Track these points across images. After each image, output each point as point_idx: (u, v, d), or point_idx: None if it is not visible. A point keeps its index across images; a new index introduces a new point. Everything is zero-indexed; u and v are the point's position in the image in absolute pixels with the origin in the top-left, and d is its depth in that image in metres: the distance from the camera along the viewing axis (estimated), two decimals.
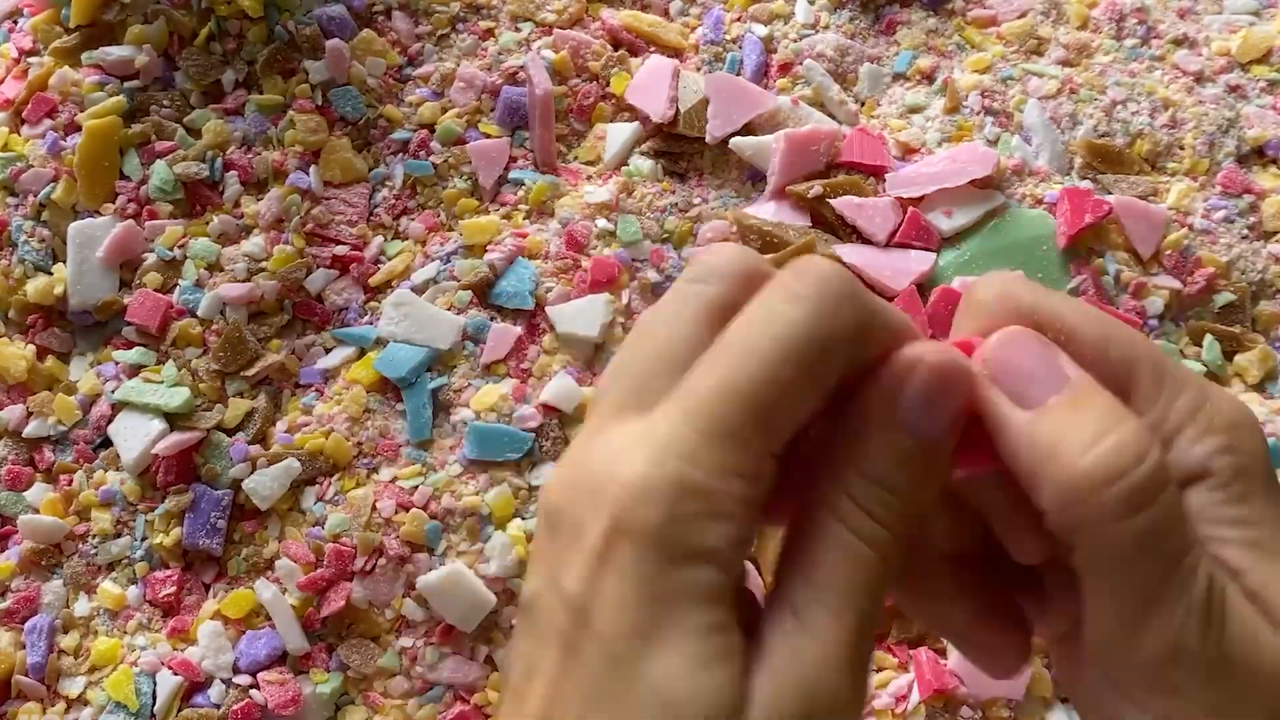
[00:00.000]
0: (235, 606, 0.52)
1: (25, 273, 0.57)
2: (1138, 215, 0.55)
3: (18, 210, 0.58)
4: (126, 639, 0.53)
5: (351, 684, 0.52)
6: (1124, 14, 0.60)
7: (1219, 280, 0.55)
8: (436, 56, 0.60)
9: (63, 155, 0.57)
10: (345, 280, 0.57)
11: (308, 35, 0.58)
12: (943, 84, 0.59)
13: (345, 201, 0.58)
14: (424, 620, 0.51)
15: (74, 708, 0.52)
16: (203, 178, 0.57)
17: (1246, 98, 0.59)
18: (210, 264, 0.56)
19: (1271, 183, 0.57)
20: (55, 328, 0.57)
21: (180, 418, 0.54)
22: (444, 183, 0.58)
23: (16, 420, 0.55)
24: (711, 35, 0.60)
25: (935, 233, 0.54)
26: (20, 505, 0.55)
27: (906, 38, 0.60)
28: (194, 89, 0.59)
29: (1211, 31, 0.61)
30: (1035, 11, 0.61)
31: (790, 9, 0.61)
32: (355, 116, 0.58)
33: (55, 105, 0.58)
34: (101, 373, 0.56)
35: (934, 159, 0.56)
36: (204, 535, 0.53)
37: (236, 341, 0.54)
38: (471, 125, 0.59)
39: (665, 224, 0.56)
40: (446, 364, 0.55)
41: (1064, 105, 0.58)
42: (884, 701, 0.50)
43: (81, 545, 0.54)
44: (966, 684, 0.50)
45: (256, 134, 0.58)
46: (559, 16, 0.61)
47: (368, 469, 0.53)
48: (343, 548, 0.51)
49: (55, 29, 0.60)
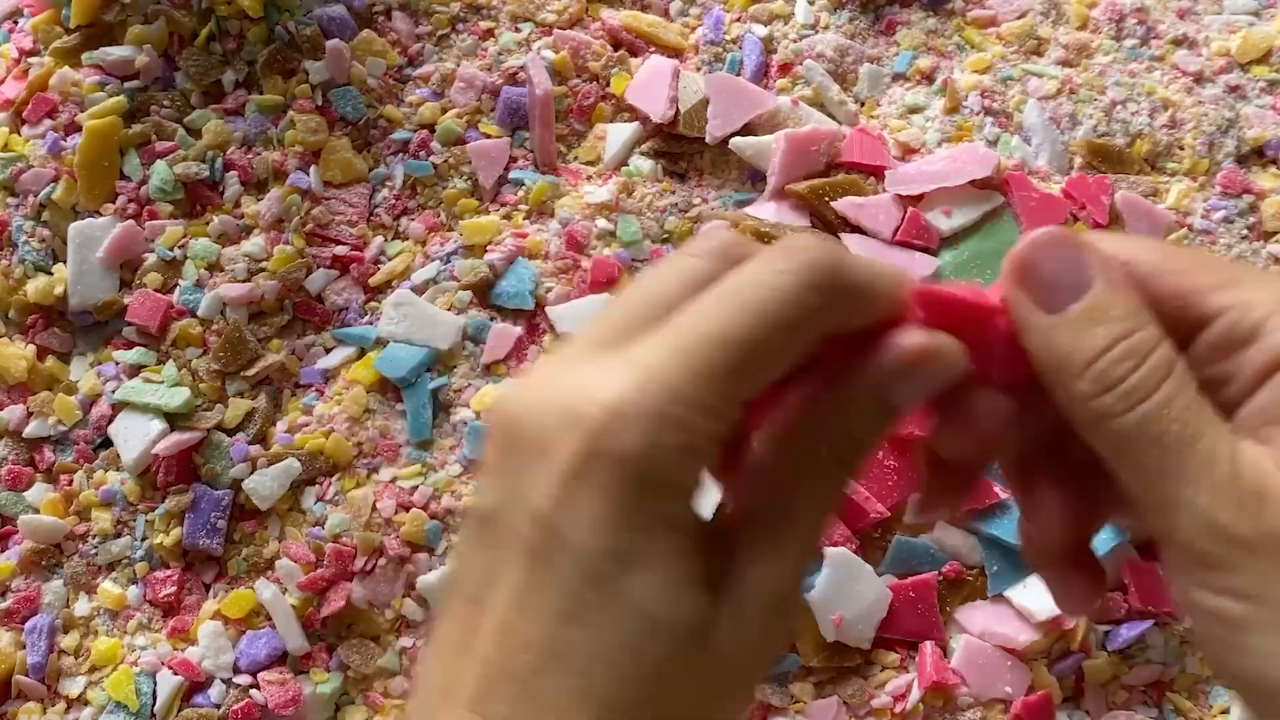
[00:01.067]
0: (235, 606, 0.52)
1: (26, 273, 0.57)
2: (1140, 214, 0.55)
3: (18, 210, 0.58)
4: (127, 639, 0.53)
5: (351, 684, 0.52)
6: (1124, 14, 0.61)
7: None
8: (436, 57, 0.60)
9: (63, 155, 0.57)
10: (345, 280, 0.57)
11: (308, 35, 0.58)
12: (942, 84, 0.59)
13: (345, 202, 0.58)
14: (424, 620, 0.52)
15: (74, 707, 0.52)
16: (203, 178, 0.57)
17: (1246, 98, 0.59)
18: (210, 264, 0.56)
19: (1271, 183, 0.57)
20: (55, 328, 0.57)
21: (180, 418, 0.54)
22: (444, 183, 0.58)
23: (17, 420, 0.55)
24: (711, 35, 0.60)
25: (935, 232, 0.54)
26: (21, 505, 0.55)
27: (906, 38, 0.60)
28: (194, 89, 0.59)
29: (1211, 32, 0.61)
30: (1035, 12, 0.61)
31: (790, 9, 0.61)
32: (355, 117, 0.58)
33: (55, 105, 0.58)
34: (102, 373, 0.56)
35: (934, 158, 0.56)
36: (204, 535, 0.53)
37: (237, 341, 0.54)
38: (471, 125, 0.59)
39: (665, 224, 0.56)
40: (446, 364, 0.55)
41: (1064, 105, 0.58)
42: (883, 700, 0.50)
43: (82, 545, 0.54)
44: (968, 684, 0.50)
45: (257, 134, 0.58)
46: (559, 17, 0.61)
47: (368, 469, 0.53)
48: (343, 548, 0.51)
49: (55, 29, 0.60)
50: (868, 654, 0.50)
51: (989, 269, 0.54)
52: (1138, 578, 0.50)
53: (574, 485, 0.28)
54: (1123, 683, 0.51)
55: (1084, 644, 0.50)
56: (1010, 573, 0.50)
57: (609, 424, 0.28)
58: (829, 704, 0.50)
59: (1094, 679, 0.50)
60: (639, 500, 0.28)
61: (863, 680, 0.50)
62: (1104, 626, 0.50)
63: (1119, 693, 0.51)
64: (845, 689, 0.50)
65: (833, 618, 0.49)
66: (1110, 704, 0.51)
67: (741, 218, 0.55)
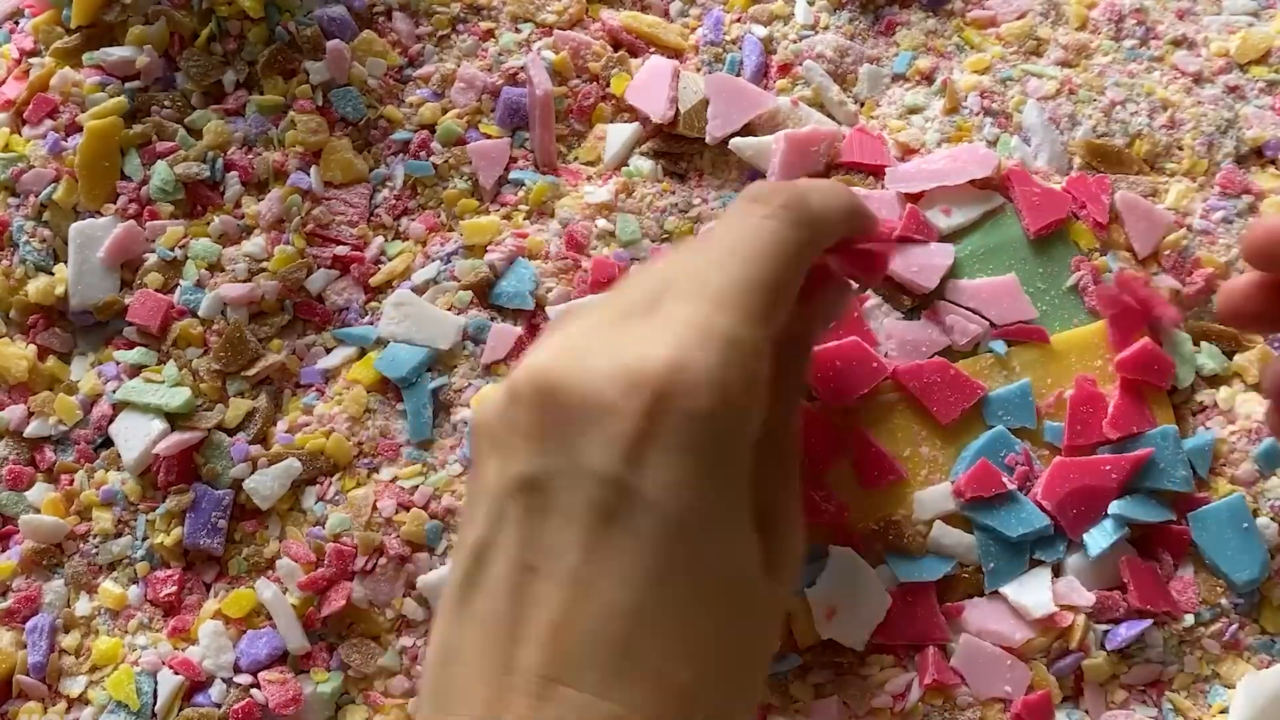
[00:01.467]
0: (236, 606, 0.52)
1: (26, 273, 0.57)
2: (1140, 214, 0.55)
3: (19, 211, 0.58)
4: (127, 638, 0.53)
5: (352, 683, 0.52)
6: (1123, 15, 0.61)
7: (1218, 280, 0.55)
8: (437, 57, 0.60)
9: (64, 156, 0.57)
10: (346, 280, 0.57)
11: (308, 36, 0.59)
12: (942, 84, 0.59)
13: (346, 202, 0.58)
14: (424, 620, 0.52)
15: (75, 707, 0.52)
16: (203, 178, 0.57)
17: (1245, 98, 0.59)
18: (211, 264, 0.56)
19: (1270, 183, 0.57)
20: (56, 328, 0.57)
21: (181, 418, 0.54)
22: (444, 183, 0.58)
23: (17, 420, 0.55)
24: (711, 36, 0.60)
25: (935, 230, 0.54)
26: (21, 505, 0.55)
27: (906, 38, 0.61)
28: (195, 89, 0.59)
29: (1210, 32, 0.61)
30: (1034, 12, 0.61)
31: (790, 10, 0.61)
32: (356, 117, 0.58)
33: (56, 106, 0.58)
34: (102, 373, 0.56)
35: (935, 157, 0.56)
36: (205, 535, 0.53)
37: (237, 341, 0.55)
38: (472, 126, 0.59)
39: (665, 224, 0.56)
40: (447, 364, 0.55)
41: (1063, 106, 0.58)
42: (882, 700, 0.50)
43: (82, 545, 0.54)
44: (968, 683, 0.50)
45: (257, 134, 0.58)
46: (559, 17, 0.61)
47: (368, 469, 0.53)
48: (343, 547, 0.51)
49: (56, 30, 0.60)
50: (863, 654, 0.50)
51: (993, 263, 0.54)
52: (1137, 577, 0.50)
53: (647, 446, 0.27)
54: (1122, 682, 0.51)
55: (1083, 643, 0.50)
56: (1008, 569, 0.50)
57: (677, 381, 0.27)
58: (829, 704, 0.50)
59: (1093, 678, 0.51)
60: (718, 454, 0.28)
61: (862, 680, 0.50)
62: (1103, 626, 0.50)
63: (1118, 692, 0.51)
64: (845, 689, 0.50)
65: (824, 611, 0.49)
66: (1109, 703, 0.51)
67: None
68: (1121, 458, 0.51)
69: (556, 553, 0.27)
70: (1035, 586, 0.50)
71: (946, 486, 0.51)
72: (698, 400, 0.27)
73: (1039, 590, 0.50)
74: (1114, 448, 0.52)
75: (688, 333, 0.28)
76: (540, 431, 0.28)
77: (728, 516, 0.28)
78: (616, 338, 0.29)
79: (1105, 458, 0.51)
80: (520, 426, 0.29)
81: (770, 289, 0.29)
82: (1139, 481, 0.51)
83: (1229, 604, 0.51)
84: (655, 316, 0.29)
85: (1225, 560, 0.51)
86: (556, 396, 0.28)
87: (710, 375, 0.28)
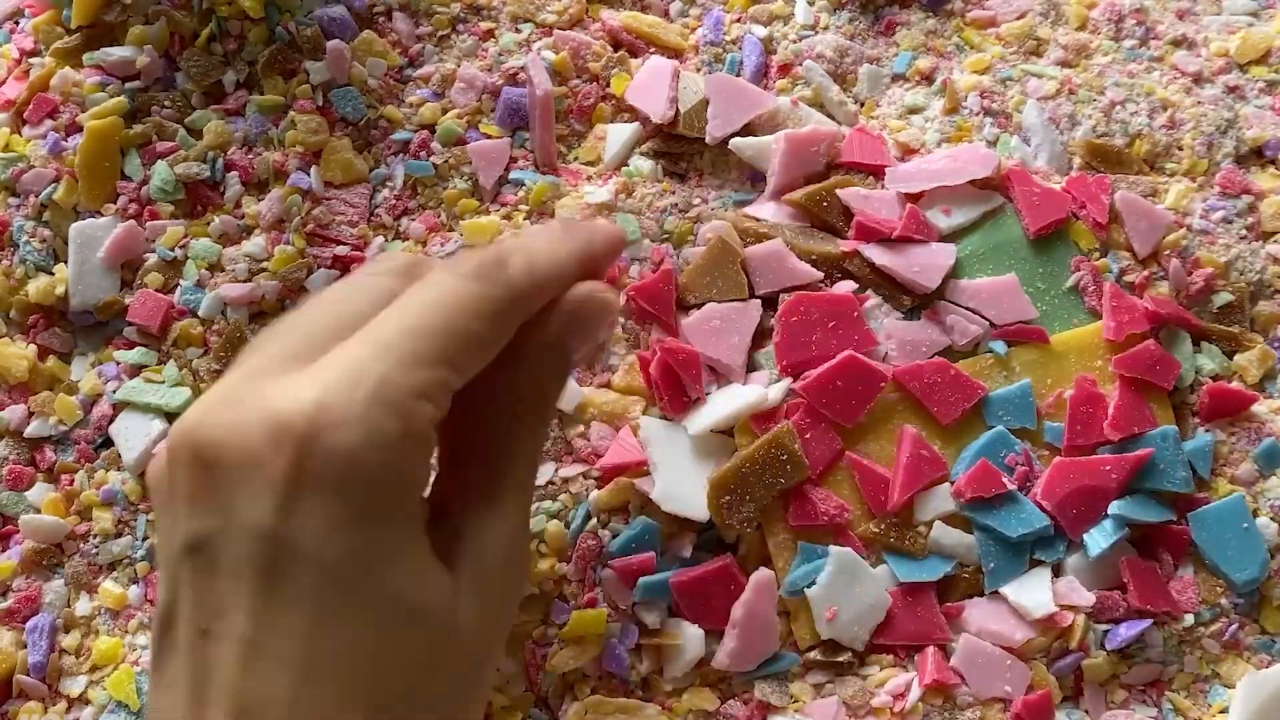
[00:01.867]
0: None
1: (26, 273, 0.57)
2: (1140, 214, 0.55)
3: (19, 211, 0.58)
4: (128, 638, 0.53)
5: None
6: (1123, 15, 0.61)
7: (1218, 280, 0.55)
8: (437, 57, 0.60)
9: (64, 156, 0.57)
10: None
11: (308, 36, 0.59)
12: (942, 85, 0.59)
13: (346, 202, 0.58)
14: None
15: (75, 707, 0.52)
16: (204, 178, 0.57)
17: (1245, 98, 0.59)
18: (211, 264, 0.56)
19: (1270, 183, 0.57)
20: (56, 328, 0.57)
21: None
22: (444, 183, 0.58)
23: (18, 420, 0.55)
24: (711, 36, 0.60)
25: (935, 230, 0.54)
26: (21, 505, 0.55)
27: (906, 39, 0.61)
28: (195, 90, 0.59)
29: (1210, 32, 0.61)
30: (1034, 12, 0.61)
31: (790, 10, 0.61)
32: (356, 117, 0.58)
33: (56, 106, 0.58)
34: (103, 373, 0.56)
35: (935, 156, 0.56)
36: None
37: (238, 341, 0.55)
38: (472, 126, 0.59)
39: (665, 224, 0.56)
40: None
41: (1063, 106, 0.58)
42: (882, 700, 0.50)
43: (83, 545, 0.54)
44: (968, 683, 0.50)
45: (257, 134, 0.58)
46: (559, 17, 0.61)
47: None
48: None
49: (56, 30, 0.60)
50: (863, 654, 0.50)
51: (993, 263, 0.54)
52: (1137, 577, 0.50)
53: (297, 495, 0.27)
54: (1121, 682, 0.51)
55: (1083, 643, 0.50)
56: (1008, 569, 0.51)
57: (322, 425, 0.27)
58: (829, 703, 0.50)
59: (1093, 678, 0.51)
60: (369, 495, 0.27)
61: (862, 680, 0.50)
62: (1103, 626, 0.50)
63: (1118, 691, 0.51)
64: (845, 689, 0.50)
65: (826, 612, 0.49)
66: (1109, 703, 0.51)
67: (741, 218, 0.55)
68: (1121, 458, 0.51)
69: (226, 614, 0.28)
70: (1035, 586, 0.50)
71: (946, 487, 0.51)
72: (340, 437, 0.27)
73: (1039, 590, 0.50)
74: (1114, 448, 0.52)
75: (340, 375, 0.28)
76: (198, 493, 0.28)
77: (393, 554, 0.28)
78: (271, 386, 0.29)
79: (1105, 458, 0.51)
80: (180, 489, 0.29)
81: (441, 335, 0.29)
82: (1139, 482, 0.51)
83: (1229, 604, 0.51)
84: (320, 362, 0.29)
85: (1225, 560, 0.51)
86: (206, 455, 0.28)
87: (352, 412, 0.27)
